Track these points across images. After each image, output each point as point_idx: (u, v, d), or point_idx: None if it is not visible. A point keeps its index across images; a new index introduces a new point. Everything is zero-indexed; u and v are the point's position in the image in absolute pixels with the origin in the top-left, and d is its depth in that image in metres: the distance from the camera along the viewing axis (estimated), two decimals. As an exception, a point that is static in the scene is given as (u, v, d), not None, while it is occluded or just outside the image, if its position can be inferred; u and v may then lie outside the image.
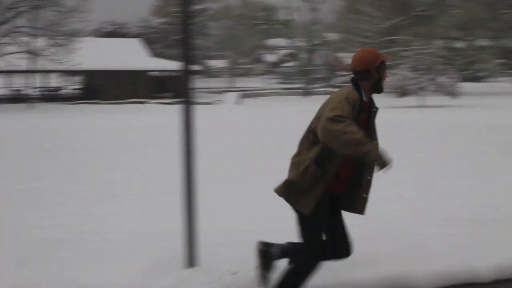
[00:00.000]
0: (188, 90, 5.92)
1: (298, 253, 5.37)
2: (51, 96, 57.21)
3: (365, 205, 5.31)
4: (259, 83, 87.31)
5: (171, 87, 58.35)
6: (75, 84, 64.47)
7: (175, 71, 51.74)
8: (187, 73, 5.91)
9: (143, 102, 54.15)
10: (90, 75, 57.71)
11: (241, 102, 54.98)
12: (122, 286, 5.71)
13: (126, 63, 58.26)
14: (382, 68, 5.20)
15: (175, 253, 6.22)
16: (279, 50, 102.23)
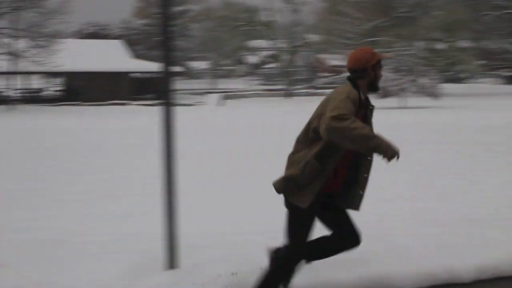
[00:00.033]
0: (168, 92, 5.91)
1: (281, 250, 5.39)
2: (33, 97, 56.96)
3: (360, 201, 5.37)
4: (241, 85, 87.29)
5: (153, 89, 58.27)
6: (57, 85, 64.19)
7: (157, 73, 51.64)
8: (168, 74, 5.91)
9: (125, 104, 54.01)
10: (72, 77, 57.57)
11: (223, 104, 54.99)
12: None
13: (107, 65, 58.06)
14: (378, 67, 5.35)
15: (157, 254, 6.21)
16: (261, 52, 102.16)
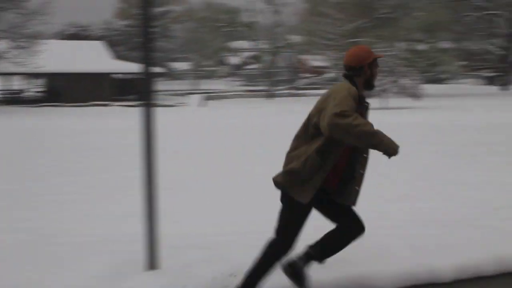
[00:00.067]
0: (149, 93, 5.90)
1: (271, 243, 5.42)
2: (14, 99, 56.73)
3: (356, 197, 5.46)
4: (223, 85, 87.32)
5: (135, 90, 58.14)
6: (38, 86, 63.95)
7: (138, 74, 51.47)
8: (148, 75, 5.90)
9: (106, 105, 53.86)
10: (53, 78, 57.32)
11: (204, 104, 54.93)
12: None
13: (89, 66, 57.79)
14: (374, 65, 5.43)
15: (138, 255, 6.20)
16: (243, 52, 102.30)
